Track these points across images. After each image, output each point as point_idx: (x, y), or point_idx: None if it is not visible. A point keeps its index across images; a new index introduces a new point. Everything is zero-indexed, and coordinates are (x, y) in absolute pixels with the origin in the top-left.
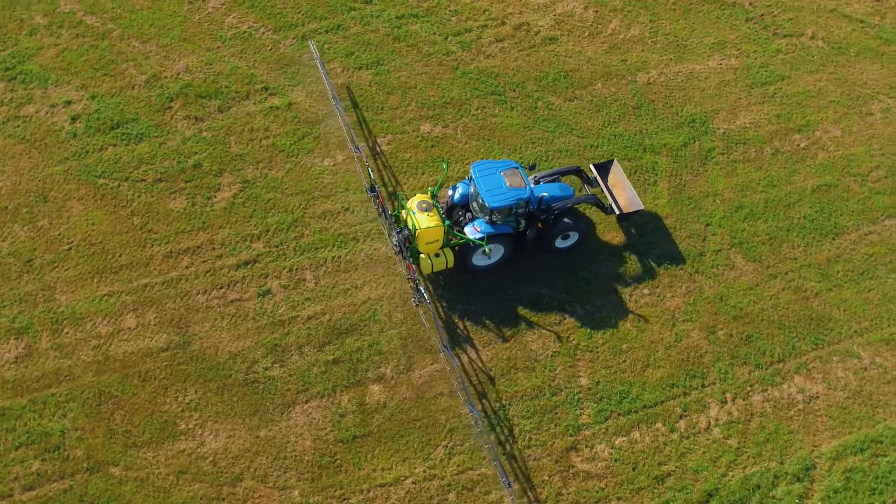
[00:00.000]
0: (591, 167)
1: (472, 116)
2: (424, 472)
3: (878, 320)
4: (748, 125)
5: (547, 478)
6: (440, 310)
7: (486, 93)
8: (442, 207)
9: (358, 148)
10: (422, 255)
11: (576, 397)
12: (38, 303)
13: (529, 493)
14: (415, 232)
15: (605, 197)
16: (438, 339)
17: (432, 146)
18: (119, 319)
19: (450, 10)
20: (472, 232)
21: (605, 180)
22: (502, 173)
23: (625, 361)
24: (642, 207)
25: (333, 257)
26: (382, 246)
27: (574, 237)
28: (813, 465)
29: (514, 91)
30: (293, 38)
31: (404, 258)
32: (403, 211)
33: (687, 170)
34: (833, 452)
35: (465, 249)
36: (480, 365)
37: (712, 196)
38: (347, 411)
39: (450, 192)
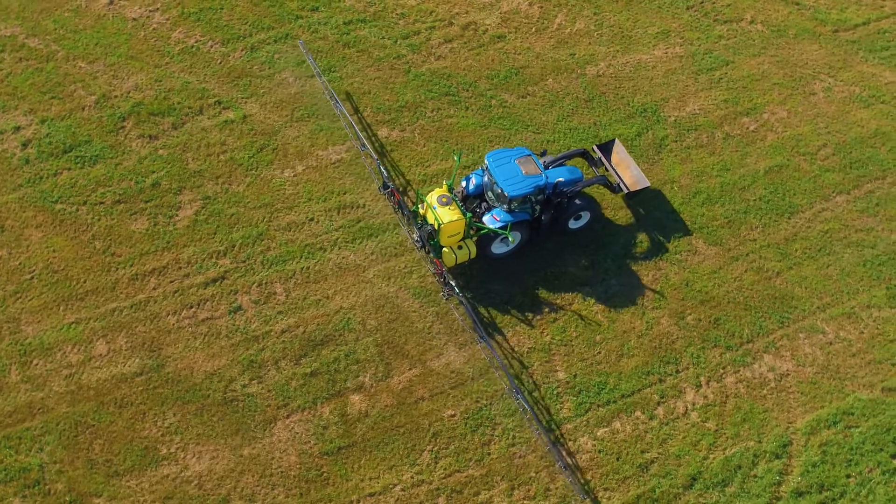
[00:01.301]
0: (595, 148)
1: (428, 119)
2: (412, 478)
3: (839, 295)
4: (698, 111)
5: (534, 474)
6: (417, 311)
7: (439, 94)
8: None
9: (364, 145)
10: (445, 249)
11: (555, 392)
12: (4, 336)
13: (517, 491)
14: (438, 227)
15: (613, 177)
16: (474, 330)
17: (391, 150)
18: (89, 347)
19: (396, 14)
20: (492, 221)
21: (609, 160)
22: (517, 161)
23: (599, 353)
24: (648, 184)
25: (302, 269)
26: (350, 254)
27: (586, 217)
28: (789, 442)
29: (468, 91)
30: (242, 51)
31: (428, 254)
32: (422, 206)
33: (643, 159)
34: (807, 427)
35: (484, 239)
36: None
37: (669, 183)
38: (330, 423)
39: (463, 184)
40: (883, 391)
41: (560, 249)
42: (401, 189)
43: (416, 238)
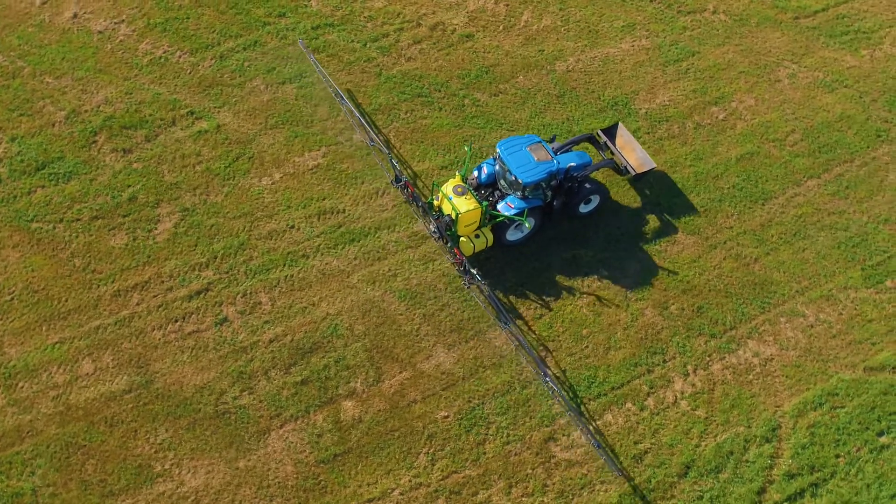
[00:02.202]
0: (600, 132)
1: (402, 121)
2: (410, 481)
3: (816, 278)
4: (667, 103)
5: (530, 471)
6: (402, 312)
7: (412, 96)
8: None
9: (373, 140)
10: (462, 239)
11: (546, 388)
12: None
13: (515, 489)
14: (456, 216)
15: (619, 160)
16: (497, 317)
17: (368, 154)
18: (75, 366)
19: (364, 17)
20: (506, 209)
21: (614, 144)
22: (528, 148)
23: (587, 347)
24: (654, 165)
25: (286, 277)
26: (333, 260)
27: (596, 200)
28: (778, 425)
29: (440, 91)
30: (211, 59)
31: (446, 244)
32: (437, 198)
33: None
34: (795, 410)
35: (499, 227)
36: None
37: (644, 175)
38: (324, 431)
39: (475, 173)
40: (865, 370)
41: (544, 244)
42: (380, 192)
43: (433, 229)
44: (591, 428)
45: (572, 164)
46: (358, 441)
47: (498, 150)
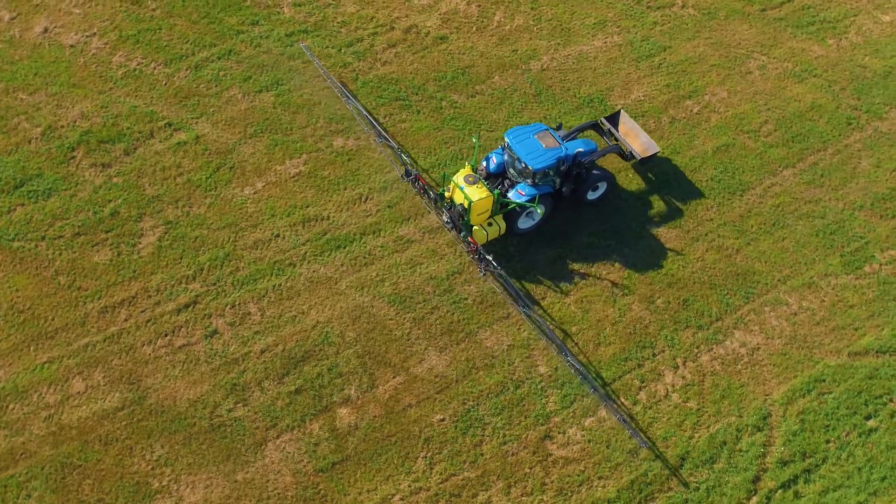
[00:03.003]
0: (603, 120)
1: (382, 125)
2: (409, 486)
3: (797, 266)
4: (642, 98)
5: (528, 470)
6: (389, 313)
7: (390, 99)
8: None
9: (382, 136)
10: (475, 227)
11: (538, 386)
12: None
13: (514, 489)
14: (469, 205)
15: (624, 146)
16: (515, 303)
17: (349, 160)
18: (66, 385)
19: (337, 22)
20: (517, 196)
21: (617, 130)
22: (536, 136)
23: (577, 344)
24: (658, 150)
25: (274, 286)
26: (321, 267)
27: (603, 187)
28: (769, 413)
29: (417, 94)
30: (186, 70)
31: (459, 233)
32: (449, 189)
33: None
34: (784, 398)
35: (511, 215)
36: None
37: (624, 170)
38: (321, 439)
39: (483, 164)
40: (849, 356)
41: (527, 244)
42: (364, 197)
43: (445, 220)
44: (615, 405)
45: (580, 149)
46: (355, 448)
47: (506, 139)
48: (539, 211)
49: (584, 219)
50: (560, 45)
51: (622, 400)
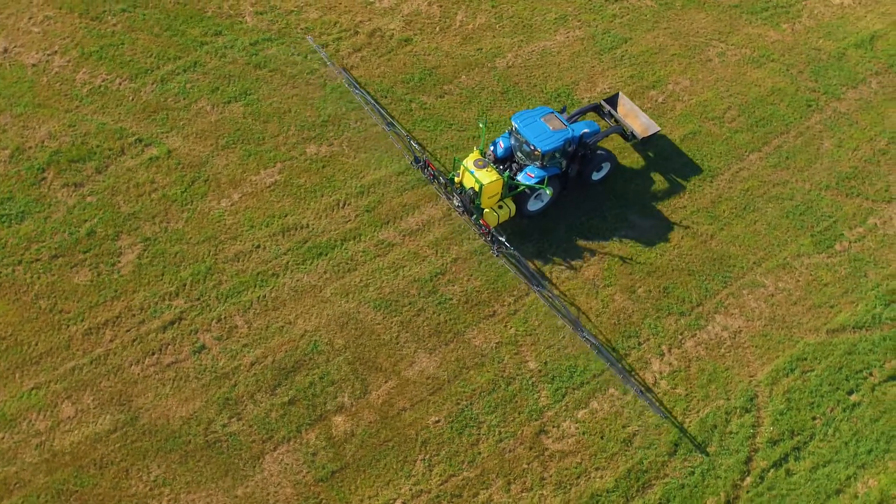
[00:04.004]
0: (604, 102)
1: (354, 130)
2: (410, 489)
3: (770, 248)
4: (608, 90)
5: (526, 465)
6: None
7: (360, 104)
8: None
9: (391, 124)
10: (486, 210)
11: (529, 382)
12: None
13: (514, 485)
14: (480, 188)
15: (626, 126)
16: (528, 282)
17: (323, 167)
18: (55, 411)
19: (301, 29)
20: (526, 178)
21: (617, 112)
22: (543, 119)
23: (564, 337)
24: (659, 129)
25: (258, 297)
26: (304, 276)
27: (607, 167)
28: (755, 395)
29: (386, 97)
30: (152, 84)
31: (471, 216)
32: (458, 174)
33: None
34: (768, 378)
35: (520, 197)
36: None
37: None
38: (318, 448)
39: (490, 148)
40: (828, 333)
41: (508, 238)
42: (341, 203)
43: (457, 204)
44: (632, 379)
45: (586, 131)
46: (353, 455)
47: (514, 123)
48: (548, 192)
49: (561, 212)
50: (523, 42)
51: (611, 390)
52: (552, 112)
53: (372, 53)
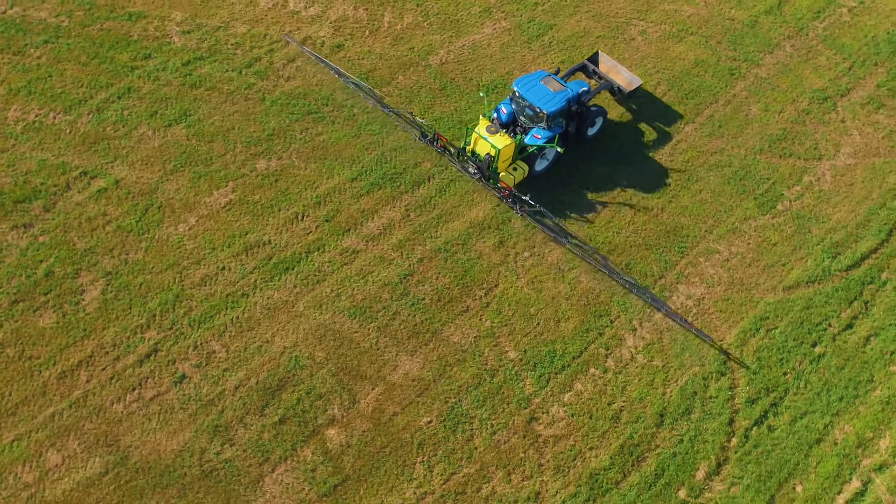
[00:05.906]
0: (588, 62)
1: (300, 141)
2: (415, 492)
3: (718, 215)
4: None
5: (523, 454)
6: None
7: (302, 114)
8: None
9: (387, 107)
10: (502, 173)
11: (513, 372)
12: None
13: (514, 475)
14: (497, 153)
15: (613, 82)
16: (555, 237)
17: (276, 181)
18: (41, 460)
19: (231, 44)
20: (533, 140)
21: (599, 69)
22: (542, 82)
23: (539, 324)
24: (641, 82)
25: (232, 320)
26: (274, 293)
27: (600, 122)
28: (727, 358)
29: (328, 105)
30: (88, 114)
31: (487, 181)
32: (471, 141)
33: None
34: (737, 341)
35: (528, 158)
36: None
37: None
38: (316, 464)
39: (494, 115)
40: (784, 290)
41: (466, 235)
42: (300, 215)
43: (473, 171)
44: (671, 309)
45: (584, 89)
46: (352, 466)
47: (515, 88)
48: (559, 150)
49: (513, 204)
50: (453, 38)
51: (592, 370)
52: (550, 75)
53: (307, 63)
